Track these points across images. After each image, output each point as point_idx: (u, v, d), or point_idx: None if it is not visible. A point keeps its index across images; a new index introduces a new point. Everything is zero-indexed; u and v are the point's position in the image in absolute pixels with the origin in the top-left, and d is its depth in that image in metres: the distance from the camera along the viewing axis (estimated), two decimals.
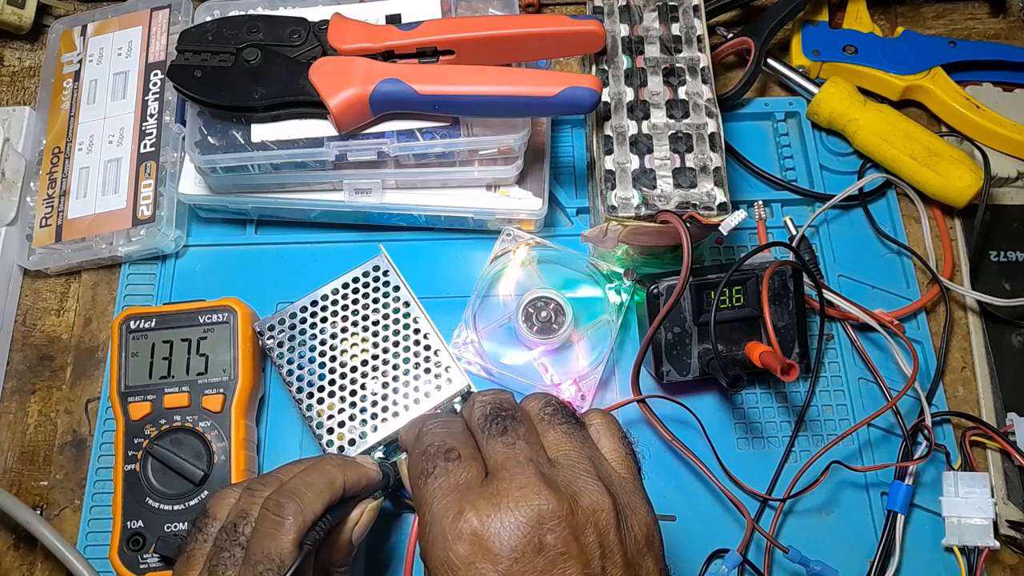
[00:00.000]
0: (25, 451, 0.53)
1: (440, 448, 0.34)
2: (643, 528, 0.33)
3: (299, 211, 0.56)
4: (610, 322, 0.53)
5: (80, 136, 0.58)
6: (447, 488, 0.33)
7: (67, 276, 0.58)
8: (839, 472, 0.51)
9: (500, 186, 0.54)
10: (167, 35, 0.60)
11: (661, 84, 0.53)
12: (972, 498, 0.49)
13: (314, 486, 0.36)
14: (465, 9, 0.55)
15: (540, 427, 0.36)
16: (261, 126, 0.50)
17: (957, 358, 0.56)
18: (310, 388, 0.49)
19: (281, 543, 0.33)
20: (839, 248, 0.58)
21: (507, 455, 0.34)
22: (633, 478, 0.36)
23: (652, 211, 0.49)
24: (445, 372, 0.49)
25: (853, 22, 0.64)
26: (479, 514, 0.31)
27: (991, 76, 0.63)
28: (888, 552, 0.49)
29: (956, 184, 0.56)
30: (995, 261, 0.58)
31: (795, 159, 0.61)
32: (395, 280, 0.51)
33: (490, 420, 0.35)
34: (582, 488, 0.33)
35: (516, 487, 0.32)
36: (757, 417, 0.53)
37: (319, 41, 0.50)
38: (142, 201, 0.55)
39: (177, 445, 0.48)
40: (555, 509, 0.31)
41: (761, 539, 0.50)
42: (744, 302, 0.50)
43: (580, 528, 0.31)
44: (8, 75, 0.65)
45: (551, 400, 0.37)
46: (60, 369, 0.55)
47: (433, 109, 0.49)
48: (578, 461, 0.34)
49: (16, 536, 0.51)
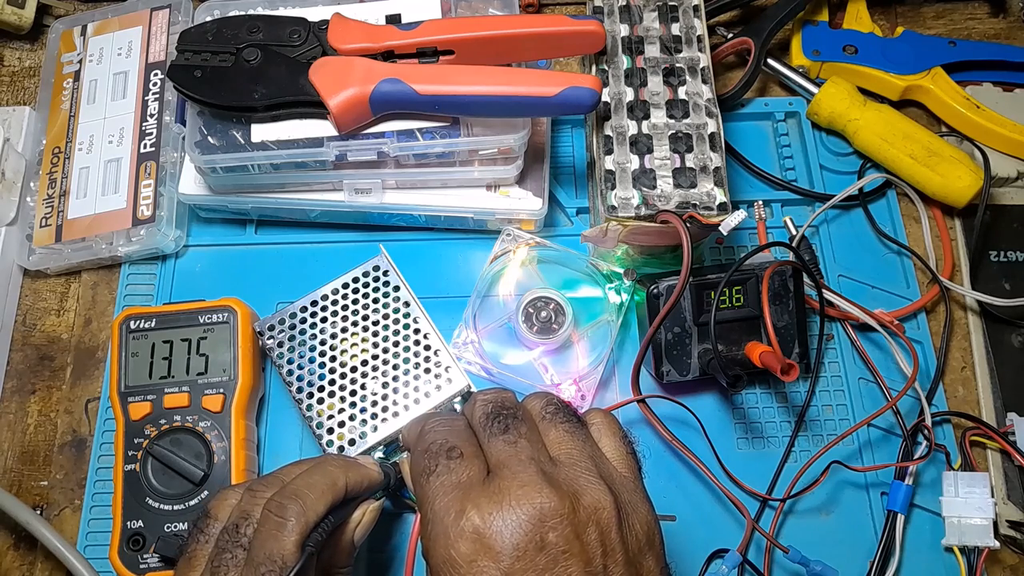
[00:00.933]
0: (25, 451, 0.53)
1: (442, 446, 0.34)
2: (644, 527, 0.34)
3: (299, 211, 0.56)
4: (610, 322, 0.53)
5: (80, 136, 0.58)
6: (449, 486, 0.33)
7: (67, 276, 0.58)
8: (839, 472, 0.51)
9: (500, 186, 0.54)
10: (167, 35, 0.60)
11: (661, 84, 0.53)
12: (972, 498, 0.49)
13: (316, 487, 0.36)
14: (465, 9, 0.55)
15: (542, 426, 0.36)
16: (261, 126, 0.50)
17: (957, 358, 0.56)
18: (310, 388, 0.49)
19: (283, 544, 0.33)
20: (839, 248, 0.58)
21: (509, 453, 0.34)
22: (634, 477, 0.36)
23: (652, 211, 0.49)
24: (445, 372, 0.49)
25: (853, 22, 0.64)
26: (481, 512, 0.31)
27: (991, 76, 0.63)
28: (888, 552, 0.49)
29: (956, 184, 0.56)
30: (995, 261, 0.58)
31: (795, 159, 0.61)
32: (395, 280, 0.51)
33: (492, 419, 0.35)
34: (584, 486, 0.33)
35: (518, 485, 0.32)
36: (757, 417, 0.53)
37: (319, 41, 0.50)
38: (142, 201, 0.55)
39: (177, 445, 0.48)
40: (557, 507, 0.31)
41: (761, 539, 0.50)
42: (744, 302, 0.50)
43: (582, 526, 0.31)
44: (8, 75, 0.65)
45: (552, 399, 0.37)
46: (60, 369, 0.55)
47: (433, 109, 0.49)
48: (580, 460, 0.34)
49: (16, 536, 0.51)
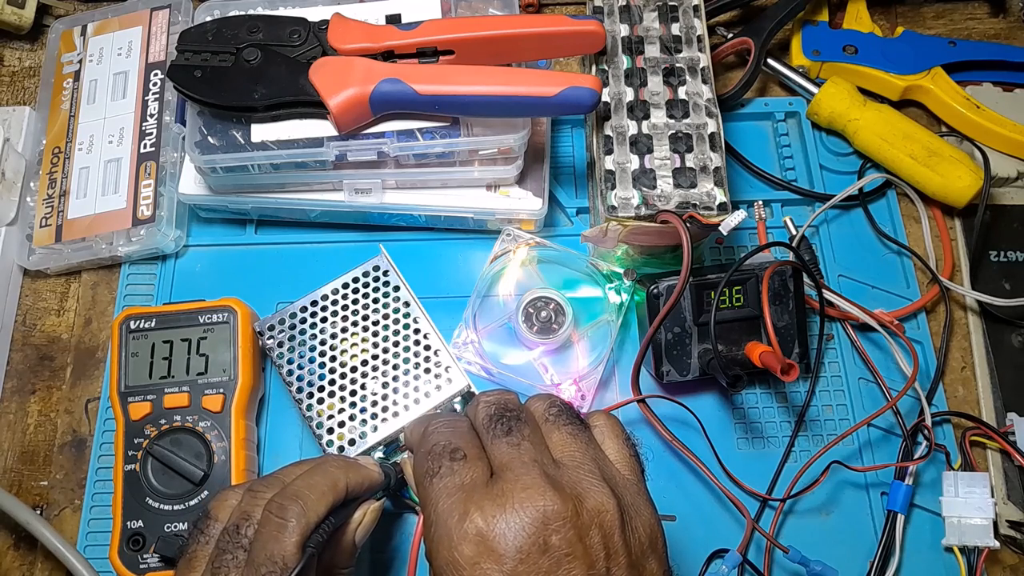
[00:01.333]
0: (25, 451, 0.53)
1: (446, 448, 0.34)
2: (647, 529, 0.33)
3: (299, 211, 0.56)
4: (610, 322, 0.53)
5: (80, 136, 0.58)
6: (452, 488, 0.33)
7: (67, 276, 0.58)
8: (839, 472, 0.51)
9: (500, 186, 0.54)
10: (167, 35, 0.60)
11: (661, 84, 0.53)
12: (972, 498, 0.49)
13: (317, 488, 0.36)
14: (465, 9, 0.55)
15: (544, 428, 0.36)
16: (261, 126, 0.50)
17: (957, 358, 0.56)
18: (310, 388, 0.49)
19: (284, 546, 0.33)
20: (839, 248, 0.58)
21: (512, 455, 0.34)
22: (637, 479, 0.36)
23: (652, 211, 0.49)
24: (445, 372, 0.49)
25: (853, 22, 0.64)
26: (484, 515, 0.31)
27: (991, 76, 0.63)
28: (888, 552, 0.49)
29: (956, 184, 0.56)
30: (995, 261, 0.58)
31: (795, 159, 0.61)
32: (395, 280, 0.51)
33: (495, 420, 0.35)
34: (587, 489, 0.33)
35: (521, 488, 0.32)
36: (757, 417, 0.53)
37: (319, 41, 0.50)
38: (142, 201, 0.55)
39: (177, 445, 0.48)
40: (560, 510, 0.31)
41: (761, 539, 0.50)
42: (744, 302, 0.50)
43: (585, 529, 0.31)
44: (8, 75, 0.65)
45: (555, 401, 0.37)
46: (60, 369, 0.55)
47: (433, 109, 0.49)
48: (583, 462, 0.34)
49: (16, 536, 0.51)
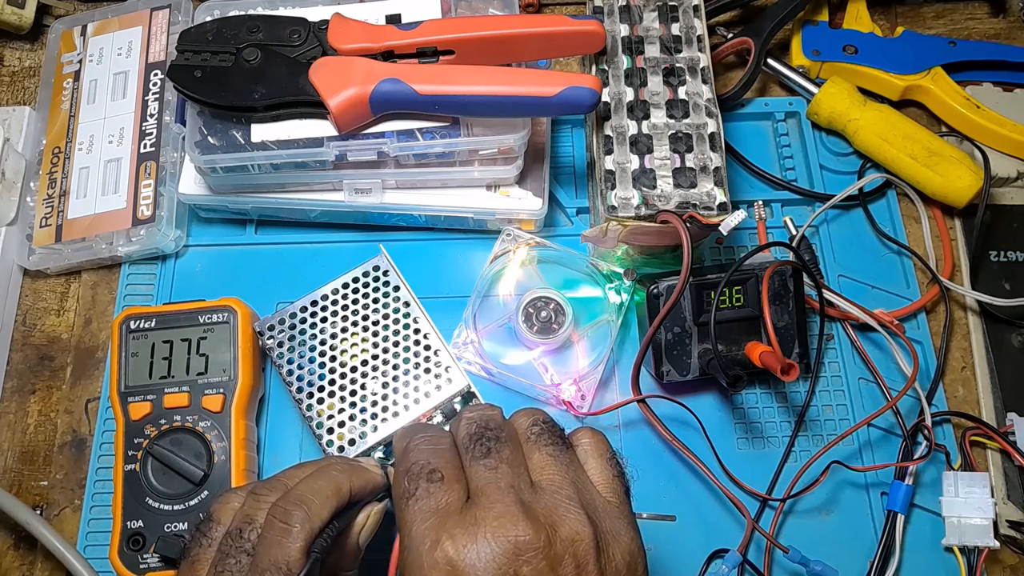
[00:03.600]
0: (25, 451, 0.53)
1: (423, 468, 0.34)
2: (625, 557, 0.33)
3: (299, 211, 0.56)
4: (610, 322, 0.53)
5: (80, 136, 0.58)
6: (427, 512, 0.32)
7: (67, 276, 0.58)
8: (839, 472, 0.51)
9: (500, 186, 0.54)
10: (167, 35, 0.60)
11: (661, 84, 0.53)
12: (972, 498, 0.49)
13: (321, 492, 0.35)
14: (465, 9, 0.55)
15: (526, 447, 0.35)
16: (261, 126, 0.50)
17: (957, 358, 0.56)
18: (310, 388, 0.49)
19: (289, 551, 0.33)
20: (839, 248, 0.58)
21: (488, 480, 0.33)
22: (619, 502, 0.35)
23: (652, 211, 0.49)
24: (445, 372, 0.49)
25: (853, 22, 0.64)
26: (455, 543, 0.31)
27: (991, 76, 0.63)
28: (888, 552, 0.49)
29: (956, 184, 0.56)
30: (995, 261, 0.58)
31: (795, 159, 0.61)
32: (395, 280, 0.51)
33: (474, 440, 0.35)
34: (563, 516, 0.32)
35: (494, 516, 0.31)
36: (757, 417, 0.53)
37: (319, 41, 0.50)
38: (142, 201, 0.55)
39: (177, 445, 0.48)
40: (532, 540, 0.31)
41: (761, 539, 0.50)
42: (744, 302, 0.50)
43: (557, 559, 0.31)
44: (8, 75, 0.65)
45: (539, 418, 0.36)
46: (60, 369, 0.55)
47: (433, 109, 0.49)
48: (561, 487, 0.33)
49: (16, 536, 0.51)
